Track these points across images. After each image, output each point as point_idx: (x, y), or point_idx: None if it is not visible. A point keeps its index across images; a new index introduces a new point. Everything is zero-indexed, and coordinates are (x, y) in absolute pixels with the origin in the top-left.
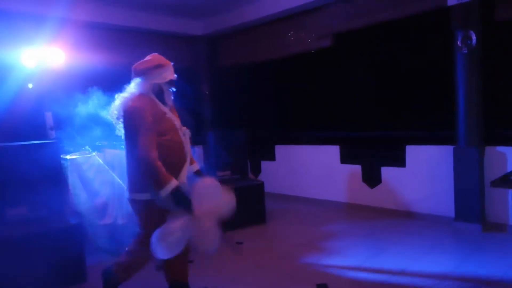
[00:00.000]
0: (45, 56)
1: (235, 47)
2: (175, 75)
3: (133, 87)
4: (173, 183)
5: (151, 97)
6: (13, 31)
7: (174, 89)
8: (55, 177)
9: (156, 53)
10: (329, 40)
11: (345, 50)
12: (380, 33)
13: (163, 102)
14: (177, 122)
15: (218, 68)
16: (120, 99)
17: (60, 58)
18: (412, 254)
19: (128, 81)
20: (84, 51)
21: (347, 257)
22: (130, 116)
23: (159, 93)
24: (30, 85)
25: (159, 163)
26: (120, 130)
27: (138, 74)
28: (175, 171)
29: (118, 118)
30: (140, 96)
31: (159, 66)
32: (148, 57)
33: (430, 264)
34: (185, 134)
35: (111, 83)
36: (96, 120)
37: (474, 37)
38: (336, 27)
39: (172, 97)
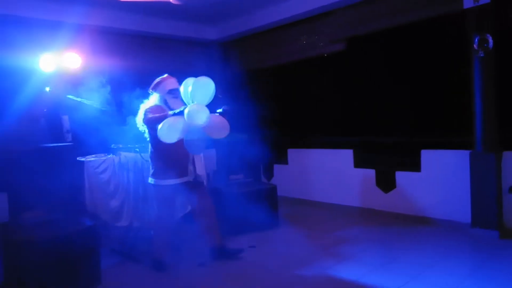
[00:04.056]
0: (62, 61)
1: (248, 51)
2: (175, 85)
3: (150, 100)
4: None
5: (161, 106)
6: (31, 37)
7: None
8: (71, 179)
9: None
10: (342, 44)
11: (359, 54)
12: (395, 37)
13: (170, 109)
14: None
15: (231, 72)
16: (141, 108)
17: (77, 62)
18: (427, 260)
19: (143, 84)
20: (100, 56)
21: (360, 263)
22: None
23: (165, 102)
24: (47, 89)
25: None
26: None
27: (152, 90)
28: (181, 166)
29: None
30: (154, 106)
31: (159, 83)
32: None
33: (445, 271)
34: None
35: (128, 87)
36: (111, 123)
37: (491, 40)
38: (349, 31)
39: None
